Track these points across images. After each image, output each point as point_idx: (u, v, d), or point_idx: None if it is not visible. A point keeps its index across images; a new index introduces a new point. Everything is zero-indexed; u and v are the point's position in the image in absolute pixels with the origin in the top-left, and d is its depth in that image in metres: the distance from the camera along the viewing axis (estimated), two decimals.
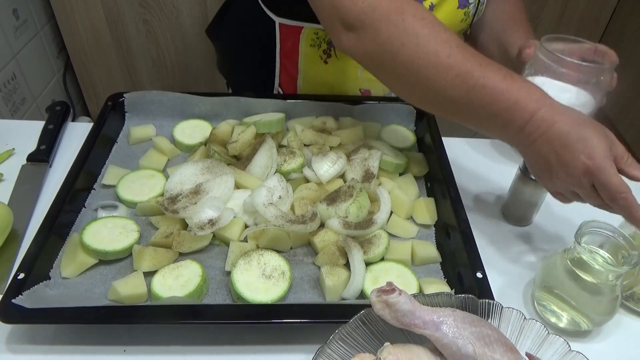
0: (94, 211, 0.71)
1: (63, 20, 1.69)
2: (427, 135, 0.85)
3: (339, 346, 0.51)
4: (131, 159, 0.81)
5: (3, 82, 1.48)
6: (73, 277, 0.63)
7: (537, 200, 0.74)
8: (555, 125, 0.56)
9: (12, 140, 0.85)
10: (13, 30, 1.52)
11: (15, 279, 0.57)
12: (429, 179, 0.80)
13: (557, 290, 0.61)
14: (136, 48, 1.79)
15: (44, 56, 1.71)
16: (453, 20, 0.84)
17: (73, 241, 0.65)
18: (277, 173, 0.75)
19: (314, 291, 0.64)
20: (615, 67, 0.77)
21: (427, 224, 0.74)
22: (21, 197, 0.74)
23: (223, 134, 0.81)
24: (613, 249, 0.60)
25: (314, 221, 0.67)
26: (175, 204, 0.68)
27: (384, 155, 0.79)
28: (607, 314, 0.60)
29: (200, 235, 0.65)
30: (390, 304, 0.49)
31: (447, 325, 0.49)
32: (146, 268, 0.63)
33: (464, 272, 0.63)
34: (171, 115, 0.87)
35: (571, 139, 0.56)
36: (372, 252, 0.66)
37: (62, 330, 0.59)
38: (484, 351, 0.48)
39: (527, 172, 0.71)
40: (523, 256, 0.73)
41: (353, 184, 0.72)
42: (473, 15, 0.87)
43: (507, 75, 0.59)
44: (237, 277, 0.61)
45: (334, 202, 0.70)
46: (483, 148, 0.92)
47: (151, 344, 0.58)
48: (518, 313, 0.54)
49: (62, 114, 0.88)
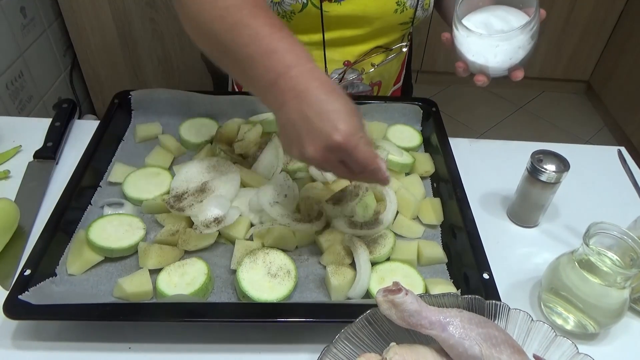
0: (100, 208, 0.71)
1: (70, 19, 1.70)
2: (433, 136, 0.84)
3: (345, 346, 0.51)
4: (137, 156, 0.81)
5: (10, 80, 1.49)
6: (79, 274, 0.63)
7: (544, 201, 0.73)
8: (310, 90, 0.52)
9: (19, 138, 0.85)
10: (20, 29, 1.53)
11: (21, 276, 0.58)
12: (435, 179, 0.80)
13: (564, 292, 0.60)
14: (142, 47, 1.80)
15: (51, 54, 1.72)
16: (382, 8, 0.82)
17: (79, 238, 0.65)
18: (283, 172, 0.75)
19: (320, 290, 0.64)
20: None
21: (433, 224, 0.73)
22: (28, 194, 0.75)
23: (229, 132, 0.82)
24: (621, 251, 0.59)
25: (319, 220, 0.67)
26: (181, 202, 0.68)
27: (390, 155, 0.79)
28: (614, 317, 0.59)
29: (206, 233, 0.65)
30: (396, 304, 0.48)
31: (454, 326, 0.49)
32: (152, 266, 0.63)
33: (471, 273, 0.62)
34: (177, 114, 0.87)
35: (325, 108, 0.51)
36: (377, 252, 0.66)
37: (67, 326, 0.59)
38: (490, 352, 0.48)
39: (535, 174, 0.70)
40: (530, 257, 0.72)
41: (359, 184, 0.72)
42: (415, 9, 0.84)
43: (279, 28, 0.56)
44: (242, 275, 0.61)
45: (340, 201, 0.70)
46: (490, 149, 0.91)
47: (156, 342, 0.58)
48: (525, 314, 0.53)
49: (68, 111, 0.88)
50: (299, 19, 0.81)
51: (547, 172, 0.69)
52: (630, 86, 2.24)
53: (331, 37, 0.85)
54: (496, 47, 0.70)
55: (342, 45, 0.87)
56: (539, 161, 0.70)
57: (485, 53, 0.71)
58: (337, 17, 0.81)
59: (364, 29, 0.85)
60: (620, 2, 2.28)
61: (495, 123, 2.45)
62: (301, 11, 0.80)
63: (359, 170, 0.54)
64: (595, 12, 2.32)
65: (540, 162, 0.70)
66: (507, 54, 0.70)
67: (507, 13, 0.72)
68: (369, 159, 0.53)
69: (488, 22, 0.72)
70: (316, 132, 0.51)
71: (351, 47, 0.88)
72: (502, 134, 2.37)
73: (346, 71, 0.90)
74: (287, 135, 0.55)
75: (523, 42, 0.70)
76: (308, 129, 0.52)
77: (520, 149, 0.87)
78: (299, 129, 0.52)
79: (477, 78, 0.75)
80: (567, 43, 2.43)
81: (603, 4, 2.29)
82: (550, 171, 0.69)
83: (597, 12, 2.32)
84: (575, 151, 0.84)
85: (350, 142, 0.51)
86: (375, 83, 0.96)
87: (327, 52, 0.87)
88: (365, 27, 0.84)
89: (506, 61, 0.71)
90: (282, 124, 0.55)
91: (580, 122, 2.48)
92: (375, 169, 0.54)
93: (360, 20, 0.83)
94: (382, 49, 0.90)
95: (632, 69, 2.24)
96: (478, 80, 0.75)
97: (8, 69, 1.48)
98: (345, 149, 0.51)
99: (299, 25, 0.83)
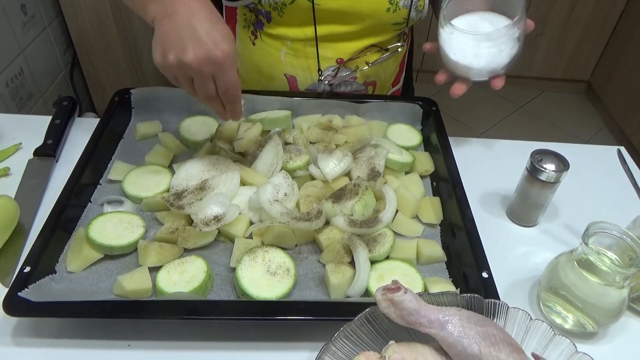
0: (100, 206, 0.71)
1: (70, 16, 1.70)
2: (433, 135, 0.84)
3: (344, 344, 0.51)
4: (137, 154, 0.81)
5: (10, 77, 1.49)
6: (78, 271, 0.63)
7: (544, 201, 0.74)
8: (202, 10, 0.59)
9: (19, 135, 0.85)
10: (21, 26, 1.53)
11: (21, 273, 0.58)
12: (435, 178, 0.80)
13: (563, 291, 0.60)
14: (143, 44, 1.80)
15: (51, 52, 1.72)
16: (374, 6, 0.82)
17: (79, 236, 0.65)
18: (282, 170, 0.75)
19: (319, 289, 0.64)
20: None
21: (433, 223, 0.73)
22: (28, 191, 0.75)
23: (229, 130, 0.82)
24: (620, 251, 0.60)
25: (319, 219, 0.67)
26: (181, 199, 0.68)
27: (390, 154, 0.79)
28: (613, 316, 0.59)
29: (206, 231, 0.65)
30: (395, 302, 0.49)
31: (453, 325, 0.49)
32: (151, 263, 0.63)
33: (470, 272, 0.63)
34: (177, 112, 0.87)
35: (214, 27, 0.58)
36: (377, 250, 0.66)
37: (67, 324, 0.59)
38: (489, 351, 0.48)
39: (534, 173, 0.70)
40: (529, 257, 0.72)
41: (359, 182, 0.72)
42: (408, 9, 0.84)
43: None
44: (241, 273, 0.61)
45: (340, 200, 0.70)
46: (489, 148, 0.91)
47: (155, 339, 0.58)
48: (524, 313, 0.53)
49: (69, 109, 0.88)
50: (290, 11, 0.81)
51: (547, 171, 0.69)
52: (631, 86, 2.24)
53: (323, 32, 0.85)
54: (478, 47, 0.71)
55: (334, 41, 0.87)
56: (538, 161, 0.70)
57: (467, 52, 0.71)
58: (328, 12, 0.81)
59: (355, 26, 0.85)
60: (621, 2, 2.28)
61: (495, 122, 2.45)
62: (292, 3, 0.80)
63: (222, 90, 0.61)
64: (596, 12, 2.31)
65: (539, 162, 0.70)
66: (489, 57, 0.71)
67: (497, 19, 0.73)
68: (236, 84, 0.62)
69: (476, 24, 0.73)
70: (202, 43, 0.57)
71: (344, 44, 0.88)
72: (502, 133, 2.37)
73: (339, 68, 0.90)
74: (167, 41, 0.59)
75: (506, 46, 0.71)
76: (193, 38, 0.57)
77: (520, 149, 0.87)
78: (183, 37, 0.58)
79: (453, 91, 0.76)
80: (568, 43, 2.43)
81: (604, 4, 2.28)
82: (549, 171, 0.69)
83: (597, 12, 2.31)
84: (575, 151, 0.84)
85: (228, 60, 0.59)
86: (369, 82, 0.96)
87: (319, 49, 0.87)
88: (357, 23, 0.84)
89: (487, 64, 0.72)
90: (164, 31, 0.59)
91: (580, 122, 2.49)
92: (236, 96, 0.63)
93: (351, 16, 0.83)
94: (377, 47, 0.90)
95: (632, 69, 2.24)
96: (454, 94, 0.76)
97: (8, 66, 1.48)
98: (223, 64, 0.58)
99: (290, 18, 0.83)
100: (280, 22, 0.85)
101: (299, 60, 0.89)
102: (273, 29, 0.86)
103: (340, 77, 0.90)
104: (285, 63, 0.90)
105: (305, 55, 0.88)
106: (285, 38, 0.87)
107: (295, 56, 0.89)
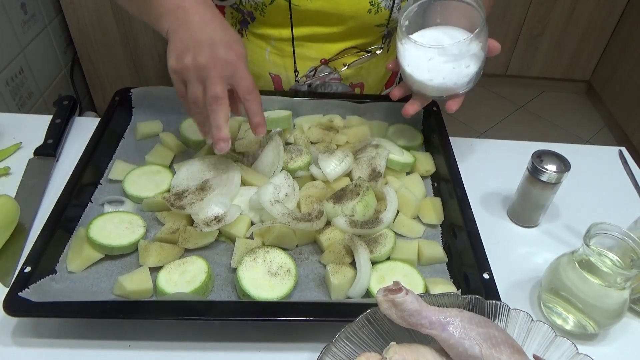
0: (101, 206, 0.71)
1: (71, 15, 1.70)
2: (434, 135, 0.84)
3: (345, 345, 0.51)
4: (138, 154, 0.81)
5: (10, 76, 1.49)
6: (79, 271, 0.63)
7: (545, 201, 0.73)
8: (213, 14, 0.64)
9: (19, 134, 0.85)
10: (21, 25, 1.53)
11: (21, 273, 0.58)
12: (436, 179, 0.80)
13: (564, 292, 0.60)
14: (143, 44, 1.79)
15: (52, 51, 1.72)
16: (355, 7, 0.81)
17: (79, 236, 0.65)
18: (283, 170, 0.75)
19: (320, 289, 0.64)
20: None
21: (434, 224, 0.73)
22: (28, 190, 0.75)
23: (230, 130, 0.81)
24: (622, 252, 0.59)
25: (320, 219, 0.67)
26: (182, 200, 0.68)
27: (391, 154, 0.79)
28: (614, 318, 0.59)
29: (206, 231, 0.65)
30: (397, 303, 0.48)
31: (454, 326, 0.49)
32: (152, 263, 0.63)
33: (471, 273, 0.62)
34: (178, 111, 0.87)
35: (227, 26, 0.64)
36: (378, 251, 0.66)
37: (67, 324, 0.59)
38: (490, 352, 0.48)
39: (535, 174, 0.70)
40: (530, 258, 0.72)
41: (360, 183, 0.72)
42: (390, 10, 0.83)
43: None
44: (242, 274, 0.61)
45: (341, 200, 0.70)
46: (490, 148, 0.91)
47: (156, 340, 0.58)
48: (525, 315, 0.53)
49: (69, 108, 0.88)
50: (271, 11, 0.82)
51: (548, 172, 0.69)
52: (631, 86, 2.24)
53: (304, 33, 0.85)
54: (430, 60, 0.67)
55: (318, 42, 0.87)
56: (539, 161, 0.70)
57: (419, 65, 0.68)
58: (308, 12, 0.81)
59: (338, 27, 0.85)
60: (621, 2, 2.28)
61: (496, 122, 2.45)
62: (271, 4, 0.80)
63: (243, 92, 0.62)
64: (597, 12, 2.31)
65: (541, 162, 0.70)
66: (441, 72, 0.67)
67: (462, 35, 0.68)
68: (252, 86, 0.63)
69: (439, 38, 0.69)
70: (217, 46, 0.60)
71: (328, 45, 0.88)
72: (503, 133, 2.36)
73: (317, 68, 0.90)
74: (183, 46, 0.61)
75: (462, 63, 0.67)
76: (209, 42, 0.61)
77: (520, 149, 0.87)
78: (199, 41, 0.61)
79: (405, 110, 0.74)
80: (568, 43, 2.43)
81: (604, 4, 2.28)
82: (550, 171, 0.69)
83: (598, 12, 2.31)
84: (575, 151, 0.84)
85: (242, 61, 0.62)
86: (356, 84, 0.95)
87: (302, 49, 0.87)
88: (339, 25, 0.84)
89: (442, 81, 0.68)
90: (180, 37, 0.62)
91: (580, 122, 2.49)
92: (256, 99, 0.64)
93: (332, 17, 0.82)
94: (357, 49, 0.90)
95: (633, 69, 2.24)
96: (406, 113, 0.74)
97: (8, 65, 1.47)
98: (237, 66, 0.61)
99: (272, 18, 0.83)
100: (263, 22, 0.85)
101: (282, 59, 0.89)
102: (257, 29, 0.87)
103: (318, 77, 0.90)
104: (269, 62, 0.90)
105: (290, 54, 0.88)
106: (269, 37, 0.87)
107: (279, 55, 0.89)
